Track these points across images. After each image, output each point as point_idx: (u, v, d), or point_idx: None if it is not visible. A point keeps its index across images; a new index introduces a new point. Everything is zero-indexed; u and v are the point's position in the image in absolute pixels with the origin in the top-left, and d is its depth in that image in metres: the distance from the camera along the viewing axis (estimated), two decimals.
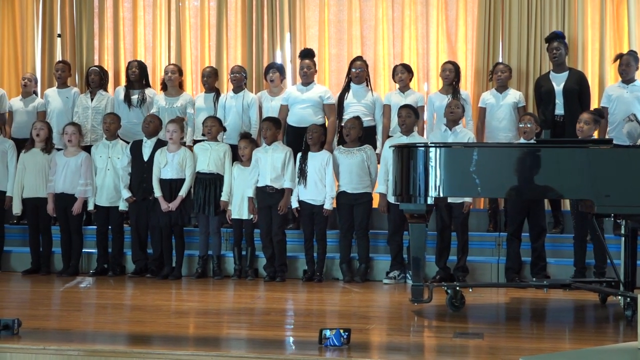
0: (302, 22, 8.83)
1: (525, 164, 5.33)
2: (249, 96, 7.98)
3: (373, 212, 7.43)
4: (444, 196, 5.73)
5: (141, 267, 7.48)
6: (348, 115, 7.55)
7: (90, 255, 7.74)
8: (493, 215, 7.73)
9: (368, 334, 4.95)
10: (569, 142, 6.13)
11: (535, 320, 5.93)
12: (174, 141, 7.34)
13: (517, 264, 6.95)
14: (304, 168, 7.16)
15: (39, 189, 7.58)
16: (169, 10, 9.11)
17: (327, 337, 4.47)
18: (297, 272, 7.37)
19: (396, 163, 5.57)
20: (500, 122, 7.65)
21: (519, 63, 8.24)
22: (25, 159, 7.63)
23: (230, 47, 9.01)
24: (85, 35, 9.18)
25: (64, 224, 7.58)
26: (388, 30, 8.74)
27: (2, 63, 9.28)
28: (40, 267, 7.64)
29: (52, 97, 8.36)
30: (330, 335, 4.46)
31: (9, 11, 9.41)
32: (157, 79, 8.73)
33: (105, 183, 7.52)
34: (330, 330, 4.46)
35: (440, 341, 4.84)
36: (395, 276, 7.10)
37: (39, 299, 6.61)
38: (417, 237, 5.49)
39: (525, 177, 5.33)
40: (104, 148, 7.59)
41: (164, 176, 7.32)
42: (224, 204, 7.28)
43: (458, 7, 8.60)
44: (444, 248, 7.04)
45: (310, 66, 7.77)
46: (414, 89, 7.99)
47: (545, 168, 5.28)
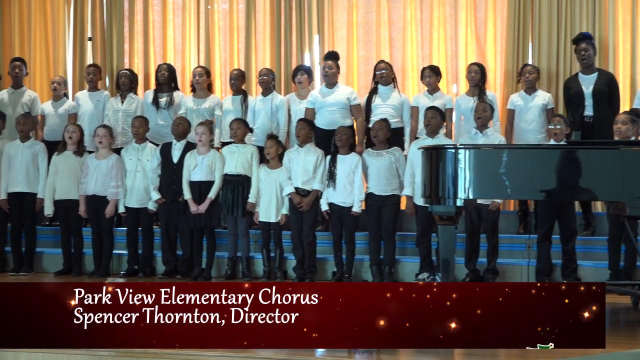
0: (331, 24, 8.83)
1: (556, 165, 5.28)
2: (278, 98, 7.99)
3: (401, 214, 7.42)
4: (473, 198, 5.70)
5: (171, 268, 7.51)
6: (375, 117, 7.53)
7: (121, 256, 7.80)
8: (523, 217, 7.67)
9: None
10: (601, 143, 6.06)
11: None
12: (204, 143, 7.36)
13: (547, 266, 6.89)
14: (333, 171, 7.15)
15: (70, 191, 7.64)
16: (198, 13, 9.16)
17: None
18: (326, 273, 7.37)
19: (425, 165, 5.54)
20: (530, 124, 7.59)
21: (549, 64, 8.17)
22: (58, 161, 7.70)
23: (259, 49, 9.03)
24: (116, 39, 9.26)
25: (95, 226, 7.64)
26: (416, 32, 8.71)
27: (34, 66, 9.38)
28: (72, 268, 7.70)
29: (83, 100, 8.43)
30: None
31: (40, 15, 9.52)
32: (186, 81, 8.78)
33: (135, 185, 7.57)
34: None
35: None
36: (424, 278, 7.07)
37: None
38: (447, 239, 5.46)
39: (556, 179, 5.27)
40: (134, 150, 7.64)
41: (194, 178, 7.34)
42: (251, 206, 7.30)
43: (487, 9, 8.54)
44: (473, 250, 7.01)
45: (332, 66, 7.75)
46: (443, 91, 7.96)
47: (577, 170, 5.23)
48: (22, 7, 9.56)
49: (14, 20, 9.56)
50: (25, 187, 7.75)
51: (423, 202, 6.02)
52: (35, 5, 9.52)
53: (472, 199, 5.66)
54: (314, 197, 7.19)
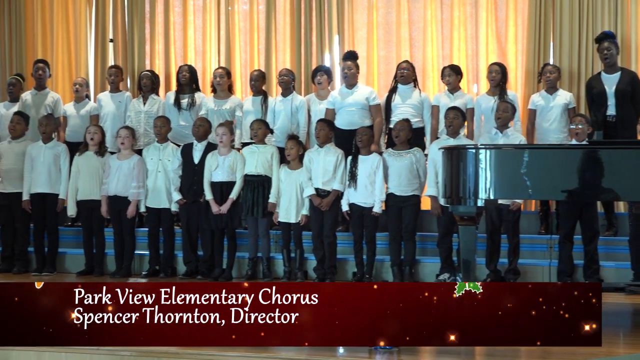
0: (351, 25, 8.82)
1: (578, 165, 5.22)
2: (298, 99, 7.99)
3: (422, 215, 7.39)
4: (494, 198, 5.67)
5: (192, 268, 7.53)
6: (396, 116, 7.51)
7: (142, 256, 7.83)
8: (544, 217, 7.63)
9: None
10: (623, 143, 6.00)
11: None
12: (225, 144, 7.37)
13: (569, 267, 6.84)
14: (354, 171, 7.14)
15: (92, 192, 7.68)
16: (219, 14, 9.18)
17: None
18: (346, 274, 7.36)
19: (446, 165, 5.52)
20: (551, 124, 7.54)
21: (570, 63, 8.11)
22: (80, 162, 7.74)
23: (279, 50, 9.04)
24: (137, 40, 9.31)
25: (117, 226, 7.67)
26: (437, 32, 8.67)
27: (56, 68, 9.45)
28: (94, 269, 7.74)
29: (105, 102, 8.47)
30: None
31: (63, 17, 9.59)
32: (207, 82, 8.80)
33: (156, 185, 7.59)
34: None
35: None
36: (445, 278, 7.04)
37: None
38: (467, 239, 5.43)
39: (578, 179, 5.22)
40: (155, 151, 7.66)
41: (215, 179, 7.36)
42: (271, 206, 7.30)
43: (508, 8, 8.49)
44: (494, 251, 6.97)
45: (352, 67, 7.72)
46: (463, 90, 7.92)
47: (599, 170, 5.17)
48: (44, 9, 9.63)
49: (36, 23, 9.64)
50: (47, 188, 7.80)
51: (444, 202, 6.00)
52: (57, 7, 9.59)
53: (493, 199, 5.63)
54: (334, 197, 7.19)
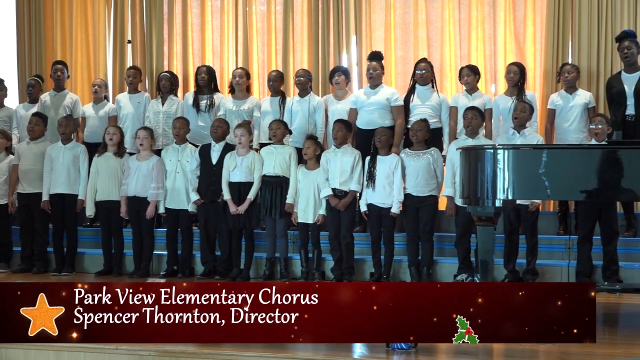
0: (368, 25, 8.81)
1: (598, 165, 5.19)
2: (315, 99, 7.99)
3: (440, 215, 7.37)
4: (513, 199, 5.63)
5: (210, 269, 7.55)
6: (414, 117, 7.49)
7: (161, 257, 7.86)
8: (563, 217, 7.58)
9: None
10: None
11: (608, 325, 5.77)
12: (243, 145, 7.38)
13: (588, 267, 6.80)
14: (372, 171, 7.13)
15: (111, 192, 7.72)
16: (236, 15, 9.20)
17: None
18: (364, 274, 7.35)
19: (464, 165, 5.50)
20: (570, 124, 7.50)
21: (589, 63, 8.05)
22: (99, 162, 7.78)
23: (297, 50, 9.04)
24: (155, 41, 9.34)
25: (136, 227, 7.70)
26: (455, 32, 8.64)
27: (75, 69, 9.50)
28: (113, 269, 7.77)
29: (123, 103, 8.51)
30: None
31: (81, 19, 9.64)
32: (224, 83, 8.81)
33: (175, 186, 7.62)
34: None
35: (509, 345, 4.75)
36: (463, 279, 7.02)
37: None
38: (485, 240, 5.41)
39: (597, 179, 5.19)
40: (174, 152, 7.69)
41: (233, 179, 7.37)
42: (289, 207, 7.30)
43: (526, 7, 8.44)
44: (512, 251, 6.94)
45: (377, 68, 7.73)
46: (481, 90, 7.89)
47: (618, 170, 5.14)
48: (63, 11, 9.68)
49: (55, 24, 9.69)
50: (66, 189, 7.84)
51: (462, 202, 5.98)
52: (76, 9, 9.64)
53: (511, 199, 5.60)
54: (352, 197, 7.18)
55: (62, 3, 9.67)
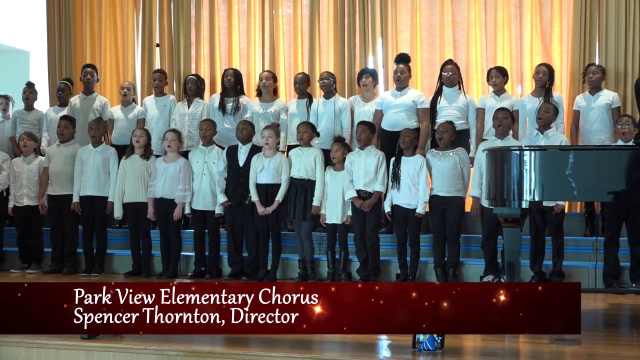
0: (394, 27, 8.80)
1: (625, 166, 5.13)
2: (341, 101, 8.00)
3: (466, 216, 7.35)
4: (539, 200, 5.60)
5: (237, 270, 7.58)
6: (441, 118, 7.48)
7: (188, 258, 7.90)
8: (590, 219, 7.53)
9: (462, 338, 4.89)
10: None
11: (635, 327, 5.73)
12: (270, 146, 7.39)
13: (615, 269, 6.74)
14: (397, 172, 7.12)
15: (138, 194, 7.77)
16: (263, 18, 9.23)
17: (421, 342, 4.46)
18: (390, 275, 7.34)
19: (490, 167, 5.47)
20: (592, 125, 7.47)
21: (617, 64, 8.00)
22: (126, 165, 7.84)
23: (323, 53, 9.05)
24: (183, 45, 9.40)
25: (163, 228, 7.75)
26: (480, 34, 8.62)
27: (104, 72, 9.58)
28: (141, 270, 7.83)
29: (150, 105, 8.58)
30: (424, 339, 4.44)
31: (110, 23, 9.73)
32: (251, 85, 8.85)
33: (201, 188, 7.66)
34: (424, 335, 4.43)
35: (535, 347, 4.73)
36: (489, 280, 6.99)
37: None
38: (512, 241, 5.37)
39: (624, 180, 5.13)
40: (200, 154, 7.73)
41: (260, 181, 7.38)
42: (315, 209, 7.31)
43: (553, 8, 8.41)
44: (538, 252, 6.90)
45: (404, 71, 7.74)
46: (508, 92, 7.86)
47: None
48: (92, 15, 9.78)
49: (85, 28, 9.78)
50: (96, 191, 7.90)
51: (488, 204, 5.96)
52: (105, 13, 9.73)
53: (538, 200, 5.56)
54: (376, 198, 7.18)
55: (91, 7, 9.77)
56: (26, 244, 8.24)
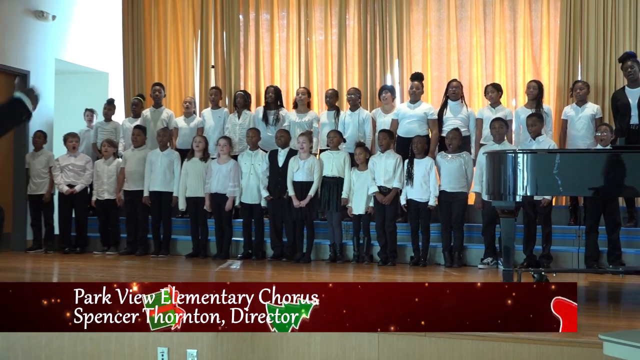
0: (409, 50, 8.78)
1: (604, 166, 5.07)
2: (364, 113, 8.00)
3: (469, 208, 7.30)
4: (531, 195, 5.54)
5: (278, 252, 7.59)
6: (447, 127, 7.46)
7: (238, 242, 7.92)
8: (573, 210, 7.44)
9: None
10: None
11: (612, 301, 5.65)
12: (305, 150, 7.41)
13: (595, 253, 6.66)
14: (411, 172, 7.10)
15: (198, 190, 7.82)
16: (299, 44, 9.25)
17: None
18: (405, 258, 7.32)
19: (489, 167, 5.43)
20: (579, 132, 7.37)
21: (596, 79, 7.91)
22: (188, 166, 7.89)
23: (349, 72, 9.05)
24: (234, 66, 9.44)
25: (217, 218, 7.78)
26: (481, 55, 8.56)
27: (169, 88, 9.64)
28: (199, 252, 7.87)
29: (207, 117, 8.62)
30: None
31: (174, 47, 9.80)
32: (289, 99, 8.86)
33: (249, 185, 7.68)
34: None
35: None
36: (488, 262, 6.94)
37: (199, 278, 6.79)
38: (508, 229, 5.32)
39: (603, 178, 5.06)
40: (248, 157, 7.76)
41: (296, 179, 7.41)
42: (344, 201, 7.31)
43: (542, 34, 8.36)
44: (530, 238, 6.83)
45: (419, 87, 7.74)
46: (503, 104, 7.80)
47: (621, 170, 5.01)
48: (160, 41, 9.85)
49: (153, 53, 9.86)
50: (162, 187, 7.97)
51: (487, 198, 5.91)
52: (170, 40, 9.80)
53: (529, 195, 5.50)
54: (394, 193, 7.16)
55: (158, 36, 9.84)
56: (106, 230, 8.33)
